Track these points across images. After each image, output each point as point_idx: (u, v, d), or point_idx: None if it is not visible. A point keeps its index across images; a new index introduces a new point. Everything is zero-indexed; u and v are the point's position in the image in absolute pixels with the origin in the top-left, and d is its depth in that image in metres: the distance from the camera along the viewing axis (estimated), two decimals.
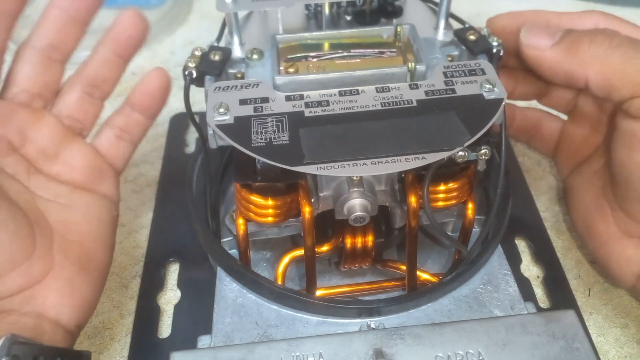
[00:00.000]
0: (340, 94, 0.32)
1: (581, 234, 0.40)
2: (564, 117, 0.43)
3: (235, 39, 0.37)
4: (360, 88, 0.32)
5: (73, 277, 0.31)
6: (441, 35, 0.37)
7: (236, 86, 0.32)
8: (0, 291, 0.29)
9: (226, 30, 0.37)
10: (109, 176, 0.36)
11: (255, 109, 0.31)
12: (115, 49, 0.35)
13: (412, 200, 0.32)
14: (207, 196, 0.38)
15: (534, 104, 0.45)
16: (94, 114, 0.36)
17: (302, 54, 0.35)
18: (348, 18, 0.41)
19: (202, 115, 0.49)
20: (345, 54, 0.35)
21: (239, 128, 0.30)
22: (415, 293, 0.34)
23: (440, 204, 0.34)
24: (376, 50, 0.35)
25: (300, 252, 0.35)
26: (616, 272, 0.36)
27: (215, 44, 0.36)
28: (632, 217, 0.34)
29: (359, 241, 0.35)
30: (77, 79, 0.35)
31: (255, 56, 0.35)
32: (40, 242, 0.30)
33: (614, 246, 0.36)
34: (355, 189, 0.31)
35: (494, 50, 0.35)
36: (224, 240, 0.37)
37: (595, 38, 0.32)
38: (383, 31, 0.37)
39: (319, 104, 0.31)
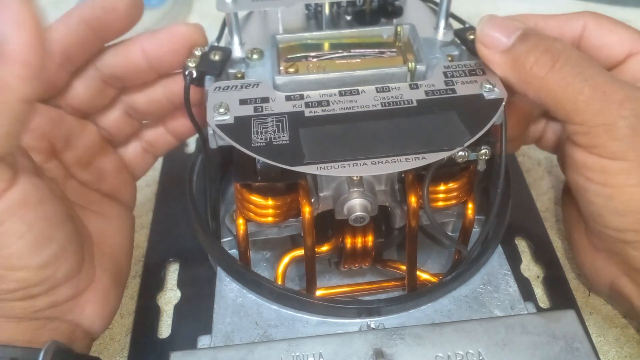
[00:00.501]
0: (341, 94, 0.32)
1: (568, 241, 0.40)
2: None
3: (235, 39, 0.37)
4: (360, 88, 0.32)
5: (108, 290, 0.32)
6: (441, 35, 0.37)
7: (236, 86, 0.32)
8: (51, 301, 0.29)
9: (226, 30, 0.37)
10: (130, 186, 0.37)
11: (255, 109, 0.31)
12: (172, 99, 0.35)
13: (412, 200, 0.32)
14: (207, 196, 0.38)
15: None
16: (128, 132, 0.36)
17: (302, 54, 0.35)
18: (348, 18, 0.41)
19: None
20: (345, 54, 0.35)
21: (239, 128, 0.30)
22: (415, 293, 0.34)
23: (440, 204, 0.34)
24: (376, 50, 0.35)
25: (300, 252, 0.35)
26: (590, 280, 0.37)
27: (215, 44, 0.36)
28: (593, 232, 0.34)
29: (359, 241, 0.35)
30: (126, 99, 0.35)
31: (255, 56, 0.35)
32: (86, 254, 0.31)
33: (587, 256, 0.36)
34: (355, 189, 0.31)
35: None
36: (224, 240, 0.37)
37: (542, 57, 0.30)
38: (383, 31, 0.37)
39: (319, 104, 0.31)
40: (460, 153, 0.29)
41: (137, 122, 0.37)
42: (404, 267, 0.35)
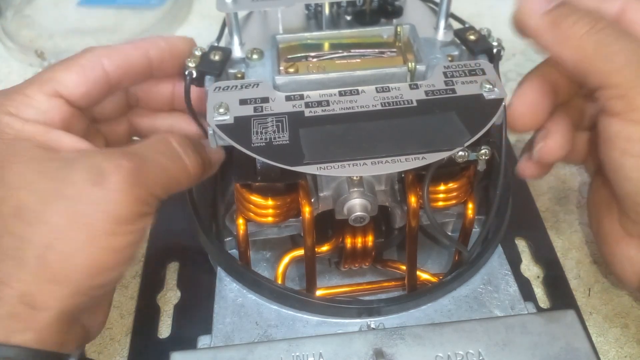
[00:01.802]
0: (340, 94, 0.32)
1: (592, 232, 0.38)
2: None
3: (235, 39, 0.37)
4: (360, 88, 0.32)
5: (111, 299, 0.32)
6: (441, 35, 0.37)
7: (236, 86, 0.32)
8: (96, 303, 0.29)
9: (226, 30, 0.37)
10: None
11: (255, 109, 0.31)
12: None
13: (412, 200, 0.32)
14: (207, 196, 0.38)
15: None
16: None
17: (302, 54, 0.35)
18: (348, 18, 0.41)
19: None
20: (345, 54, 0.35)
21: (239, 128, 0.30)
22: (415, 293, 0.34)
23: (440, 204, 0.34)
24: (376, 50, 0.35)
25: (300, 252, 0.35)
26: (619, 272, 0.36)
27: (215, 44, 0.36)
28: (629, 217, 0.34)
29: (359, 241, 0.35)
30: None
31: (255, 56, 0.35)
32: None
33: (618, 245, 0.35)
34: (355, 189, 0.31)
35: (494, 50, 0.35)
36: (224, 240, 0.37)
37: (582, 19, 0.30)
38: (383, 31, 0.37)
39: (319, 104, 0.31)
40: (460, 153, 0.29)
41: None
42: (404, 267, 0.35)
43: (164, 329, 0.37)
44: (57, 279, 0.26)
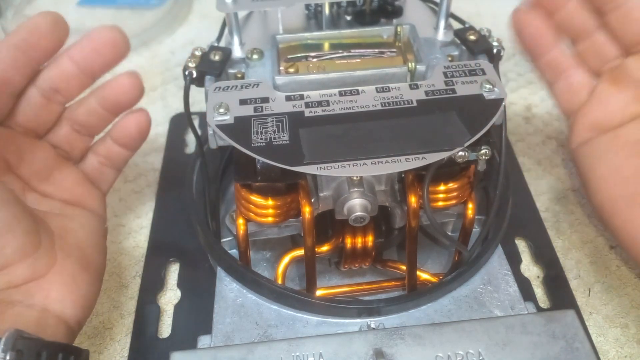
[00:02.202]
0: (341, 94, 0.32)
1: (600, 211, 0.37)
2: None
3: (235, 39, 0.37)
4: (360, 88, 0.32)
5: (75, 274, 0.32)
6: (441, 35, 0.37)
7: (236, 86, 0.32)
8: (7, 280, 0.30)
9: (226, 30, 0.37)
10: (95, 196, 0.38)
11: (255, 109, 0.31)
12: (104, 105, 0.36)
13: (412, 200, 0.32)
14: (207, 196, 0.38)
15: None
16: (81, 147, 0.38)
17: (302, 54, 0.35)
18: (348, 18, 0.41)
19: (202, 115, 0.49)
20: (345, 54, 0.35)
21: (239, 128, 0.30)
22: (415, 293, 0.34)
23: (440, 204, 0.34)
24: (376, 50, 0.35)
25: (300, 252, 0.35)
26: (628, 238, 0.34)
27: (215, 44, 0.36)
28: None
29: (359, 241, 0.35)
30: (69, 115, 0.37)
31: (255, 56, 0.35)
32: (44, 239, 0.32)
33: (623, 205, 0.34)
34: (355, 189, 0.31)
35: (494, 50, 0.35)
36: (224, 240, 0.37)
37: None
38: (383, 31, 0.37)
39: (319, 104, 0.31)
40: (460, 153, 0.29)
41: (89, 137, 0.38)
42: (404, 267, 0.35)
43: (164, 329, 0.37)
44: None
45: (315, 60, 0.35)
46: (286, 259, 0.36)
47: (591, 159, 0.38)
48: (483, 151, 0.30)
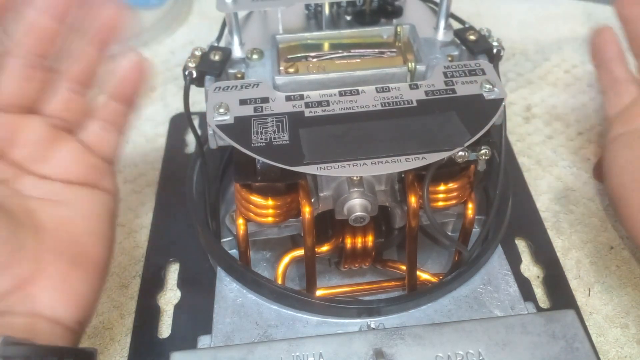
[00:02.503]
0: (340, 94, 0.32)
1: (614, 199, 0.39)
2: None
3: (235, 39, 0.37)
4: (360, 88, 0.32)
5: (66, 274, 0.31)
6: (441, 35, 0.37)
7: (236, 86, 0.32)
8: None
9: (226, 30, 0.37)
10: (103, 169, 0.35)
11: (255, 109, 0.31)
12: (94, 43, 0.33)
13: (412, 200, 0.32)
14: (207, 196, 0.38)
15: None
16: (79, 112, 0.35)
17: (302, 54, 0.35)
18: (348, 18, 0.41)
19: (202, 115, 0.49)
20: (345, 54, 0.35)
21: (239, 128, 0.30)
22: (415, 293, 0.34)
23: (440, 204, 0.34)
24: (376, 50, 0.35)
25: (300, 252, 0.35)
26: None
27: (215, 44, 0.36)
28: None
29: (359, 241, 0.35)
30: (60, 77, 0.34)
31: (255, 56, 0.35)
32: (28, 243, 0.30)
33: None
34: (355, 189, 0.31)
35: (494, 50, 0.35)
36: (224, 240, 0.37)
37: None
38: (383, 31, 0.37)
39: (319, 104, 0.31)
40: (460, 153, 0.29)
41: (84, 99, 0.34)
42: (404, 267, 0.35)
43: (164, 329, 0.37)
44: None
45: (315, 60, 0.35)
46: (286, 259, 0.36)
47: (616, 150, 0.40)
48: (483, 151, 0.30)
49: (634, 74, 0.43)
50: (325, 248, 0.36)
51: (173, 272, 0.40)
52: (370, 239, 0.35)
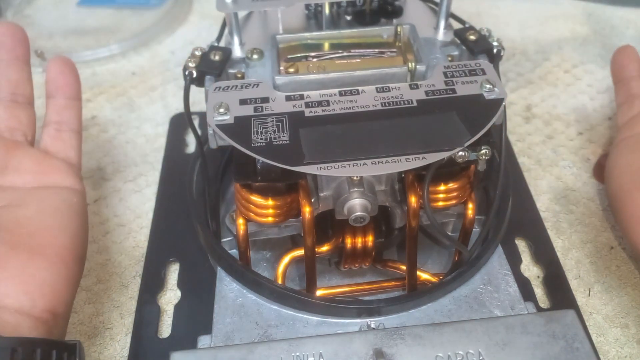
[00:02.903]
0: (341, 94, 0.32)
1: (612, 199, 0.40)
2: None
3: (235, 39, 0.37)
4: (360, 88, 0.32)
5: (25, 264, 0.31)
6: (441, 35, 0.37)
7: (236, 86, 0.32)
8: None
9: (226, 30, 0.37)
10: (63, 169, 0.36)
11: (255, 109, 0.31)
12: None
13: (412, 200, 0.32)
14: (207, 196, 0.38)
15: None
16: (27, 118, 0.37)
17: (302, 54, 0.35)
18: (348, 18, 0.41)
19: (202, 115, 0.49)
20: (345, 54, 0.35)
21: (239, 128, 0.30)
22: (416, 293, 0.34)
23: (441, 204, 0.34)
24: (376, 50, 0.35)
25: (300, 252, 0.35)
26: None
27: (215, 44, 0.36)
28: None
29: (359, 241, 0.35)
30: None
31: (255, 56, 0.35)
32: None
33: None
34: (356, 189, 0.31)
35: (494, 50, 0.35)
36: (224, 240, 0.37)
37: None
38: (383, 31, 0.37)
39: (319, 104, 0.31)
40: (460, 153, 0.29)
41: (28, 105, 0.37)
42: (404, 267, 0.35)
43: (164, 329, 0.37)
44: None
45: (315, 60, 0.35)
46: (286, 259, 0.36)
47: (618, 153, 0.41)
48: (483, 151, 0.30)
49: None
50: (325, 248, 0.36)
51: (173, 272, 0.40)
52: (370, 239, 0.35)
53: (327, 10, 0.40)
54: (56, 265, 0.32)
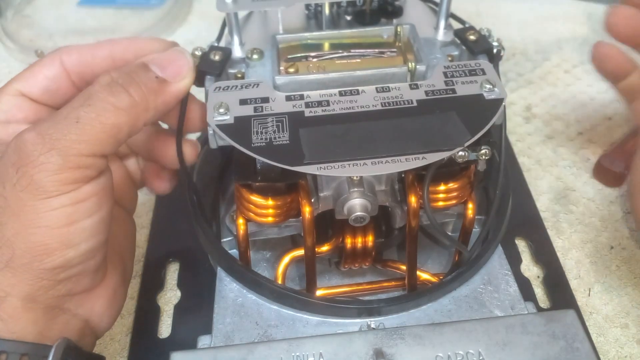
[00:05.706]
0: (341, 94, 0.32)
1: (632, 196, 0.37)
2: None
3: (235, 39, 0.37)
4: (360, 88, 0.32)
5: (117, 288, 0.32)
6: (441, 35, 0.37)
7: (236, 86, 0.32)
8: (70, 288, 0.29)
9: (226, 30, 0.37)
10: (134, 193, 0.37)
11: (255, 109, 0.31)
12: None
13: (412, 200, 0.32)
14: (207, 196, 0.38)
15: None
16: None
17: (302, 54, 0.35)
18: (348, 18, 0.41)
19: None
20: (345, 54, 0.35)
21: (239, 128, 0.30)
22: (416, 293, 0.34)
23: (441, 204, 0.34)
24: (376, 50, 0.35)
25: (300, 252, 0.35)
26: None
27: (215, 44, 0.36)
28: None
29: (359, 241, 0.35)
30: None
31: (255, 56, 0.35)
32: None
33: None
34: (356, 189, 0.31)
35: (494, 50, 0.35)
36: (224, 240, 0.37)
37: None
38: (383, 31, 0.37)
39: (319, 104, 0.31)
40: (460, 153, 0.29)
41: None
42: (404, 267, 0.35)
43: (164, 329, 0.37)
44: (8, 266, 0.26)
45: (315, 60, 0.35)
46: (286, 259, 0.36)
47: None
48: (483, 151, 0.30)
49: None
50: (325, 248, 0.36)
51: (173, 272, 0.40)
52: (370, 239, 0.35)
53: (327, 10, 0.40)
54: (126, 293, 0.33)
